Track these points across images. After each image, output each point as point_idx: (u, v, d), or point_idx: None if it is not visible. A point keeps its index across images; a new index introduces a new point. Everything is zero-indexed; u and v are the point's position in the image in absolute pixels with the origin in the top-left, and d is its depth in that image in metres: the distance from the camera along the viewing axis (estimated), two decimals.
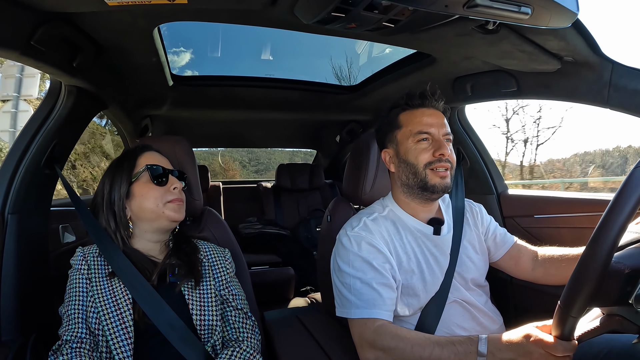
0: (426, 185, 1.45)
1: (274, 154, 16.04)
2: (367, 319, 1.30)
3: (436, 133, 1.44)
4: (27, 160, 1.56)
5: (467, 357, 1.10)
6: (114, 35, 1.53)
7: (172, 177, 1.43)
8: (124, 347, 1.19)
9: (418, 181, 1.46)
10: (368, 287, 1.33)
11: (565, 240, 1.66)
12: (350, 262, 1.39)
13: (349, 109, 3.07)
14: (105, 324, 1.21)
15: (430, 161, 1.43)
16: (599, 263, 0.79)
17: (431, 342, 1.17)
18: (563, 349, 0.93)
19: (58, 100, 1.66)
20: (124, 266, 1.29)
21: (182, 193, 1.45)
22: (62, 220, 1.87)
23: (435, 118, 1.47)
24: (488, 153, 2.36)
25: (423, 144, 1.45)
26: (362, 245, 1.40)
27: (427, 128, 1.45)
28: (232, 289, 1.43)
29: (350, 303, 1.35)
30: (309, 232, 3.97)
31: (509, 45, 1.46)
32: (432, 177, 1.43)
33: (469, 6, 1.05)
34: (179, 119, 3.40)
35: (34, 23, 1.26)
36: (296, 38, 2.62)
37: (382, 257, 1.39)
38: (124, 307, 1.24)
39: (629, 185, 0.80)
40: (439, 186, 1.43)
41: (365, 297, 1.32)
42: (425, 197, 1.49)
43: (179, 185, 1.43)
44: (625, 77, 1.44)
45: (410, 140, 1.47)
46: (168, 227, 1.42)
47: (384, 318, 1.30)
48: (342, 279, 1.40)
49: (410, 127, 1.48)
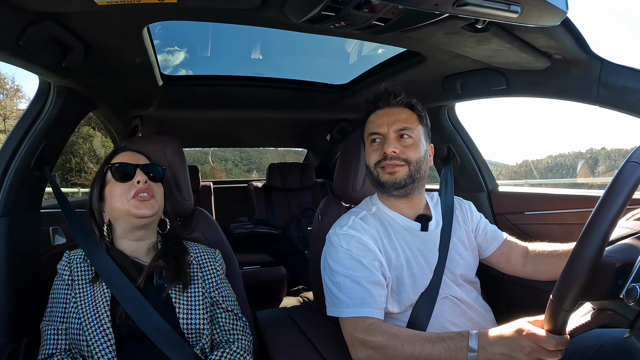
0: (379, 182, 1.50)
1: (266, 154, 16.03)
2: (357, 318, 1.30)
3: (385, 131, 1.48)
4: (16, 162, 1.54)
5: (458, 352, 1.10)
6: (103, 35, 1.51)
7: (138, 171, 1.39)
8: (104, 350, 1.17)
9: (373, 180, 1.53)
10: (358, 285, 1.33)
11: (556, 237, 1.67)
12: (340, 260, 1.39)
13: (339, 107, 3.07)
14: (86, 329, 1.20)
15: (379, 160, 1.48)
16: (591, 257, 0.80)
17: (422, 339, 1.18)
18: (555, 343, 0.94)
19: (47, 101, 1.64)
20: (108, 269, 1.28)
21: (150, 186, 1.38)
22: (53, 222, 1.85)
23: (387, 117, 1.50)
24: (478, 151, 2.37)
25: (375, 145, 1.52)
26: (352, 243, 1.41)
27: (376, 128, 1.50)
28: (222, 290, 1.42)
29: (340, 302, 1.35)
30: (300, 231, 3.98)
31: (499, 44, 1.47)
32: (382, 174, 1.48)
33: (458, 5, 1.05)
34: (169, 119, 3.39)
35: (23, 23, 1.24)
36: (286, 37, 2.62)
37: (372, 255, 1.39)
38: (101, 311, 1.22)
39: (620, 180, 0.81)
40: (389, 182, 1.47)
41: (355, 296, 1.32)
42: (390, 195, 1.52)
43: (142, 177, 1.37)
44: (614, 75, 1.46)
45: (367, 143, 1.55)
46: (139, 223, 1.37)
47: (374, 316, 1.30)
48: (332, 278, 1.41)
49: (367, 131, 1.56)
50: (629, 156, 0.85)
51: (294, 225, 4.04)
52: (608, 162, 12.46)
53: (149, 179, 1.39)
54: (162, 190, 1.44)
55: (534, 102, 3.36)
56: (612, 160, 12.03)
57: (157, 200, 1.39)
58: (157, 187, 1.42)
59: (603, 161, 12.53)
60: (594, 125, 35.75)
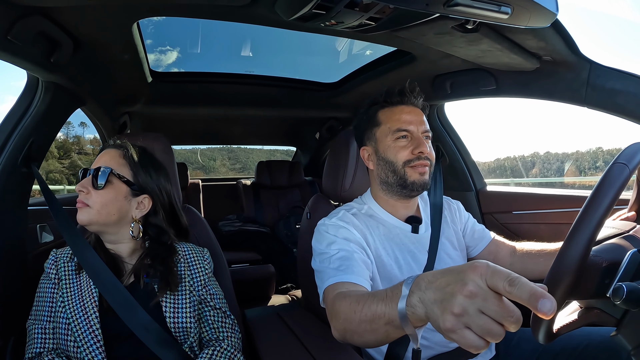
0: (405, 182, 1.45)
1: (252, 153, 15.99)
2: (336, 284, 1.20)
3: (415, 130, 1.45)
4: (3, 158, 1.52)
5: (394, 300, 0.83)
6: (92, 30, 1.50)
7: (86, 179, 1.30)
8: (94, 352, 1.16)
9: (397, 179, 1.46)
10: (348, 256, 1.28)
11: (543, 236, 1.69)
12: (329, 244, 1.36)
13: (329, 106, 3.08)
14: (74, 330, 1.19)
15: (410, 159, 1.44)
16: (578, 256, 0.81)
17: (368, 296, 0.99)
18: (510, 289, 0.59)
19: (35, 97, 1.62)
20: (95, 266, 1.25)
21: (88, 193, 1.28)
22: (40, 220, 1.84)
23: (415, 115, 1.46)
24: (467, 150, 2.39)
25: (402, 142, 1.45)
26: (340, 231, 1.39)
27: (406, 125, 1.45)
28: (210, 288, 1.41)
29: (327, 275, 1.26)
30: (289, 229, 3.97)
31: (489, 44, 1.48)
32: (411, 174, 1.44)
33: (449, 5, 1.05)
34: (158, 115, 3.37)
35: (11, 17, 1.22)
36: (276, 35, 2.61)
37: (359, 245, 1.37)
38: (90, 311, 1.21)
39: (607, 180, 0.82)
40: (418, 183, 1.44)
41: (344, 266, 1.25)
42: (405, 195, 1.49)
43: (78, 187, 1.28)
44: (602, 77, 1.48)
45: (389, 137, 1.47)
46: (90, 230, 1.33)
47: (355, 282, 1.19)
48: (320, 259, 1.36)
49: (389, 124, 1.48)
50: (616, 157, 0.86)
51: (282, 224, 4.03)
52: (541, 165, 12.93)
53: (92, 186, 1.29)
54: (104, 197, 1.30)
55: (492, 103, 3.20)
56: (549, 163, 12.40)
57: (93, 209, 1.28)
58: (97, 195, 1.29)
59: (538, 164, 12.98)
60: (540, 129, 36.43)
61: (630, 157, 0.86)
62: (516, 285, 0.58)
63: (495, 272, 0.61)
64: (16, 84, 26.71)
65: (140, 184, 1.37)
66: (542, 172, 12.42)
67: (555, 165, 11.87)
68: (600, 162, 9.80)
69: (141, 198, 1.37)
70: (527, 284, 0.58)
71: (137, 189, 1.35)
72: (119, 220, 1.33)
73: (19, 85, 1.66)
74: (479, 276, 0.63)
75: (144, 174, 1.38)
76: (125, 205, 1.34)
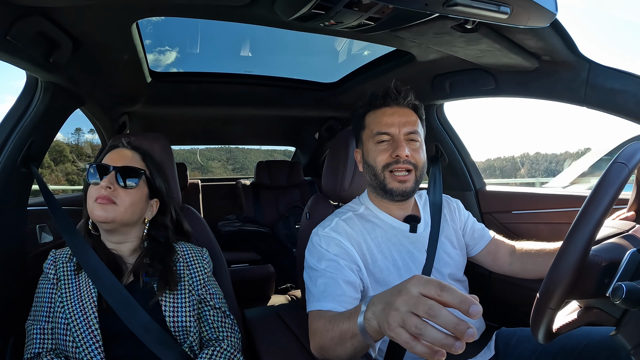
0: (385, 188, 1.45)
1: (250, 153, 15.98)
2: (318, 311, 1.25)
3: (396, 133, 1.43)
4: (2, 158, 1.52)
5: (355, 316, 0.94)
6: (92, 30, 1.50)
7: (110, 175, 1.31)
8: (93, 352, 1.16)
9: (378, 183, 1.46)
10: (333, 282, 1.29)
11: (542, 236, 1.69)
12: (319, 259, 1.37)
13: (328, 106, 3.07)
14: (73, 330, 1.19)
15: (388, 162, 1.43)
16: (577, 256, 0.81)
17: (337, 315, 1.12)
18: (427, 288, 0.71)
19: (34, 97, 1.62)
20: (95, 265, 1.26)
21: (115, 193, 1.29)
22: (40, 220, 1.84)
23: (398, 117, 1.45)
24: (466, 150, 2.38)
25: (382, 145, 1.45)
26: (331, 245, 1.38)
27: (386, 128, 1.44)
28: (209, 288, 1.41)
29: (313, 297, 1.30)
30: (288, 229, 3.97)
31: (488, 44, 1.48)
32: (390, 181, 1.43)
33: (448, 5, 1.05)
34: (157, 116, 3.37)
35: (10, 17, 1.22)
36: (276, 35, 2.61)
37: (350, 258, 1.37)
38: (89, 311, 1.21)
39: (606, 180, 0.82)
40: (397, 191, 1.43)
41: (328, 292, 1.27)
42: (389, 199, 1.49)
43: (105, 182, 1.29)
44: (601, 77, 1.47)
45: (371, 141, 1.47)
46: (103, 227, 1.34)
47: (333, 310, 1.22)
48: (310, 274, 1.38)
49: (371, 127, 1.48)
50: (615, 157, 0.86)
51: (282, 224, 4.03)
52: (530, 165, 13.21)
53: (118, 184, 1.31)
54: (133, 197, 1.33)
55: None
56: (538, 164, 12.60)
57: (120, 207, 1.30)
58: (126, 194, 1.32)
59: (527, 165, 13.18)
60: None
61: (630, 157, 0.86)
62: (446, 291, 0.69)
63: (428, 281, 0.71)
64: (16, 83, 26.61)
65: (156, 187, 1.43)
66: (530, 172, 12.58)
67: (544, 166, 11.97)
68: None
69: (153, 201, 1.43)
70: (457, 291, 0.69)
71: (153, 192, 1.42)
72: (137, 221, 1.38)
73: (19, 85, 1.66)
74: (413, 285, 0.73)
75: (159, 177, 1.45)
76: (145, 206, 1.40)
